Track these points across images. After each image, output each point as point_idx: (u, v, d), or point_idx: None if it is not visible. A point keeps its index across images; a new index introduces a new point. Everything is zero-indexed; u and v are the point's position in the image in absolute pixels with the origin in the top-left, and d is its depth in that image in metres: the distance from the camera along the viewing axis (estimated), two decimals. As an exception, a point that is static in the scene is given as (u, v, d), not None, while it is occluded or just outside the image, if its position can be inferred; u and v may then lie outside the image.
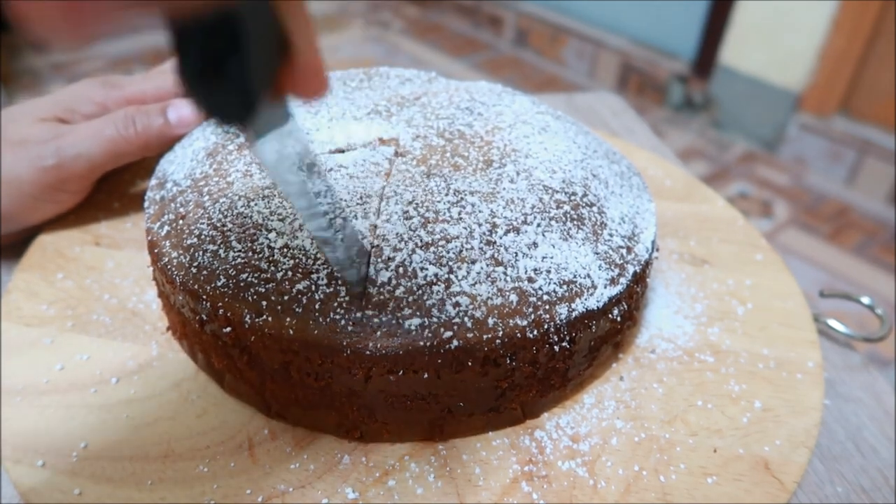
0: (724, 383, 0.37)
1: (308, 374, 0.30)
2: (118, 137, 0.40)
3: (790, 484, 0.32)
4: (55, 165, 0.39)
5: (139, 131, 0.40)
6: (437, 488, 0.30)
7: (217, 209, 0.33)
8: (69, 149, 0.39)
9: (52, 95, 0.42)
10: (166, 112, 0.41)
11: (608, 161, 0.39)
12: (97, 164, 0.40)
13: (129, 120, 0.40)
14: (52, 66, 1.92)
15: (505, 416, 0.33)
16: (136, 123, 0.40)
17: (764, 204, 1.57)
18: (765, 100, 1.72)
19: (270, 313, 0.29)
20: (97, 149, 0.40)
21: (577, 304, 0.31)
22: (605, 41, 2.03)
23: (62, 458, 0.30)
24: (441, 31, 2.42)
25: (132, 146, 0.41)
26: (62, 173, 0.40)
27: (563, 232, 0.33)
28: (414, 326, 0.29)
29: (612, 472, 0.31)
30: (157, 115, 0.41)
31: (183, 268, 0.32)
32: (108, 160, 0.41)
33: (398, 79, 0.45)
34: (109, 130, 0.40)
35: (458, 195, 0.33)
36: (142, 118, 0.40)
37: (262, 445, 0.32)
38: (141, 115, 0.41)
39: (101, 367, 0.35)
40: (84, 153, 0.39)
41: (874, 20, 1.50)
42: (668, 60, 1.92)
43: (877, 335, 0.41)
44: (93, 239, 0.43)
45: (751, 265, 0.46)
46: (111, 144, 0.40)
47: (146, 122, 0.40)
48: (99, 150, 0.40)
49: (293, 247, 0.31)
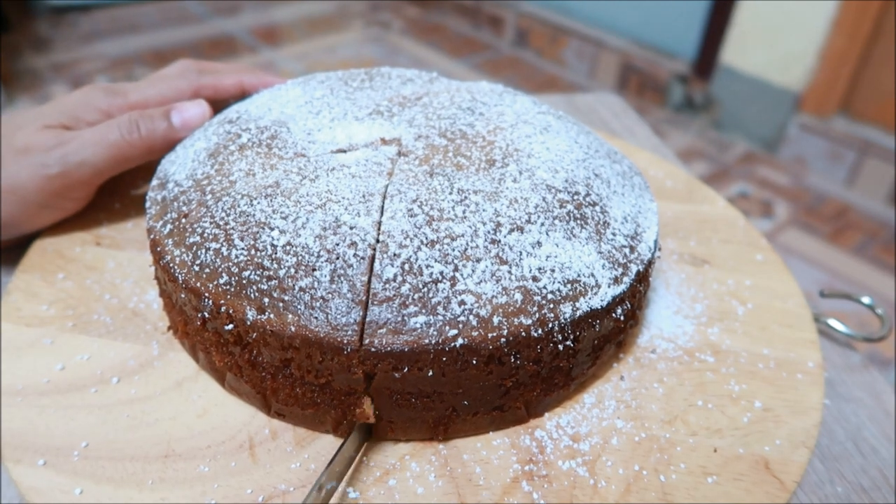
0: (725, 383, 0.37)
1: (309, 371, 0.30)
2: (122, 142, 0.40)
3: (790, 484, 0.32)
4: (60, 173, 0.39)
5: (143, 136, 0.40)
6: (437, 488, 0.30)
7: (220, 208, 0.33)
8: (73, 156, 0.39)
9: (56, 103, 0.42)
10: (170, 115, 0.41)
11: (610, 161, 0.39)
12: (102, 170, 0.40)
13: (132, 125, 0.40)
14: (53, 66, 1.92)
15: (509, 416, 0.33)
16: (140, 128, 0.40)
17: (764, 204, 1.57)
18: (765, 100, 1.72)
19: (272, 311, 0.29)
20: (101, 155, 0.40)
21: (581, 302, 0.31)
22: (606, 41, 2.03)
23: (63, 458, 0.30)
24: (441, 31, 2.42)
25: (136, 151, 0.40)
26: (67, 181, 0.39)
27: (566, 231, 0.33)
28: (419, 324, 0.29)
29: (612, 472, 0.31)
30: (161, 118, 0.41)
31: (185, 265, 0.32)
32: (113, 166, 0.40)
33: (399, 79, 0.45)
34: (113, 136, 0.40)
35: (461, 194, 0.33)
36: (145, 122, 0.40)
37: (262, 445, 0.32)
38: (145, 120, 0.40)
39: (102, 367, 0.35)
40: (88, 160, 0.39)
41: (874, 20, 1.50)
42: (669, 61, 1.92)
43: (877, 335, 0.41)
44: (93, 239, 0.43)
45: (751, 265, 0.46)
46: (115, 150, 0.40)
47: (150, 126, 0.40)
48: (103, 155, 0.40)
49: (296, 244, 0.31)
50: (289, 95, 0.42)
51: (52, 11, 2.23)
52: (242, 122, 0.39)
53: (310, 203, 0.32)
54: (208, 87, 0.45)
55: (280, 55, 2.12)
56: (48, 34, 2.11)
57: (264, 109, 0.40)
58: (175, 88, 0.44)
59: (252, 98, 0.43)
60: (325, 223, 0.31)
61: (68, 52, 2.02)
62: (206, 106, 0.42)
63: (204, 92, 0.45)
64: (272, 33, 2.28)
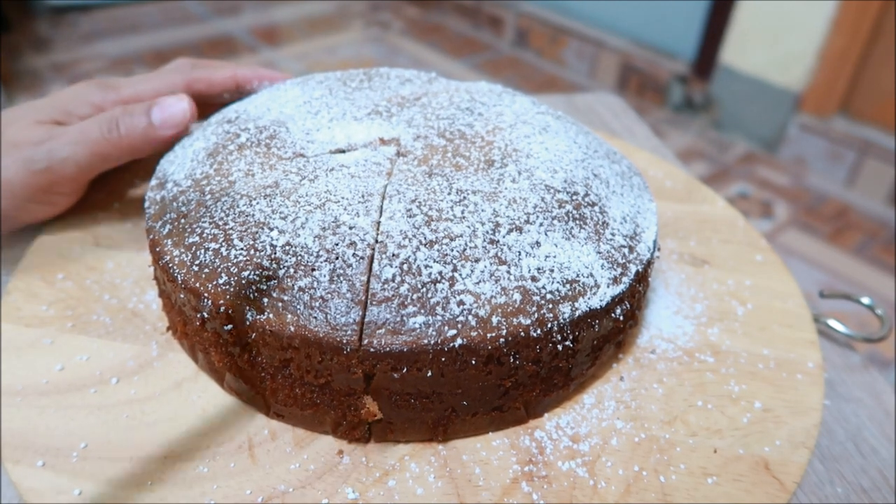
0: (724, 384, 0.37)
1: (308, 371, 0.30)
2: (102, 140, 0.39)
3: (790, 484, 0.32)
4: (44, 169, 0.39)
5: (122, 134, 0.39)
6: (437, 488, 0.30)
7: (219, 208, 0.33)
8: (58, 152, 0.39)
9: (50, 98, 0.42)
10: (150, 112, 0.40)
11: (609, 161, 0.39)
12: (85, 167, 0.40)
13: (112, 122, 0.39)
14: (53, 66, 1.92)
15: (508, 416, 0.33)
16: (119, 125, 0.39)
17: (764, 204, 1.57)
18: (765, 100, 1.72)
19: (272, 310, 0.29)
20: (83, 152, 0.39)
21: (580, 303, 0.31)
22: (606, 42, 2.03)
23: (62, 459, 0.30)
24: (441, 31, 2.42)
25: (116, 149, 0.40)
26: (52, 177, 0.39)
27: (565, 231, 0.33)
28: (418, 324, 0.29)
29: (612, 473, 0.31)
30: (141, 114, 0.40)
31: (184, 266, 0.32)
32: (96, 163, 0.40)
33: (398, 79, 0.45)
34: (94, 133, 0.39)
35: (460, 194, 0.33)
36: (125, 119, 0.39)
37: (262, 446, 0.32)
38: (125, 117, 0.40)
39: (101, 368, 0.35)
40: (71, 157, 0.39)
41: (874, 20, 1.50)
42: (669, 61, 1.92)
43: (877, 335, 0.41)
44: (93, 239, 0.43)
45: (751, 265, 0.46)
46: (96, 147, 0.39)
47: (129, 124, 0.39)
48: (84, 153, 0.39)
49: (295, 244, 0.31)
50: (287, 95, 0.42)
51: (52, 11, 2.23)
52: (241, 122, 0.39)
53: (309, 203, 0.32)
54: (202, 80, 0.44)
55: (280, 55, 2.12)
56: (48, 34, 2.11)
57: (263, 109, 0.40)
58: (168, 82, 0.43)
59: (251, 98, 0.43)
60: (325, 223, 0.31)
61: (68, 52, 2.02)
62: (188, 101, 0.41)
63: (197, 85, 0.44)
64: (272, 33, 2.28)
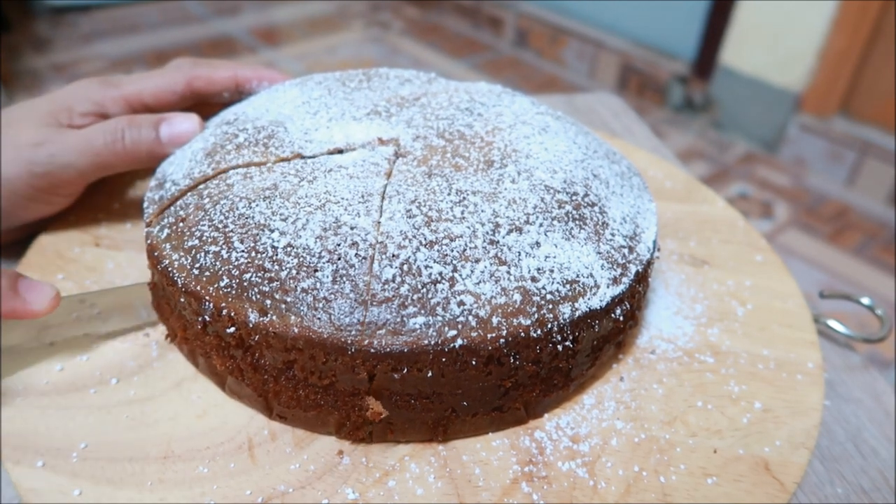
0: (724, 384, 0.37)
1: (312, 372, 0.30)
2: (105, 150, 0.39)
3: (790, 485, 0.32)
4: (45, 173, 0.39)
5: (127, 146, 0.39)
6: (437, 489, 0.30)
7: (218, 210, 0.33)
8: (59, 157, 0.39)
9: (51, 95, 0.42)
10: (159, 126, 0.40)
11: (608, 161, 0.39)
12: (85, 174, 0.40)
13: (117, 133, 0.39)
14: (53, 66, 1.92)
15: (508, 416, 0.33)
16: (124, 137, 0.39)
17: (764, 205, 1.57)
18: (765, 100, 1.72)
19: (275, 312, 0.29)
20: (85, 160, 0.39)
21: (580, 303, 0.31)
22: (606, 42, 2.03)
23: (62, 459, 0.30)
24: (441, 31, 2.42)
25: (119, 160, 0.40)
26: (53, 179, 0.39)
27: (565, 232, 0.33)
28: (418, 325, 0.29)
29: (612, 473, 0.31)
30: (149, 129, 0.40)
31: (184, 269, 0.32)
32: (97, 171, 0.40)
33: (398, 79, 0.45)
34: (98, 142, 0.39)
35: (460, 195, 0.33)
36: (131, 132, 0.39)
37: (262, 446, 0.32)
38: (131, 129, 0.39)
39: (101, 368, 0.35)
40: (73, 163, 0.39)
41: (874, 20, 1.50)
42: (669, 61, 1.92)
43: (877, 336, 0.41)
44: (93, 240, 0.43)
45: (751, 266, 0.46)
46: (98, 157, 0.39)
47: (136, 137, 0.39)
48: (86, 160, 0.39)
49: (297, 246, 0.31)
50: (286, 96, 0.42)
51: (52, 11, 2.23)
52: (240, 123, 0.39)
53: (309, 204, 0.32)
54: (202, 78, 0.44)
55: (280, 55, 2.12)
56: (48, 34, 2.11)
57: (262, 110, 0.40)
58: (169, 80, 0.43)
59: (250, 100, 0.43)
60: (326, 224, 0.31)
61: (68, 52, 2.01)
62: (197, 120, 0.41)
63: (197, 83, 0.44)
64: (272, 33, 2.28)
